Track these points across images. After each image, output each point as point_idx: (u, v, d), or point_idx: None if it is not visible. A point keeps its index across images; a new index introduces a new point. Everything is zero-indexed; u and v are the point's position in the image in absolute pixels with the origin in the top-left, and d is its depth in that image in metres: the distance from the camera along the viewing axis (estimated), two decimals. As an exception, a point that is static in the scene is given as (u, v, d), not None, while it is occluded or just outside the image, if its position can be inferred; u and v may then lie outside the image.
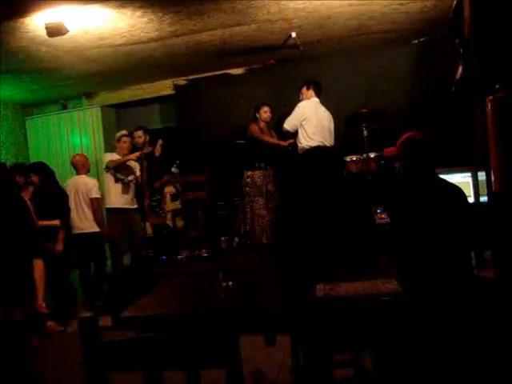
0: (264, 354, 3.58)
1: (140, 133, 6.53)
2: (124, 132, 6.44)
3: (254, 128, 6.38)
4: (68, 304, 5.41)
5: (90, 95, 8.38)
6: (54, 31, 4.85)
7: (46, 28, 4.81)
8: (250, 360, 3.30)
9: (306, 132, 6.04)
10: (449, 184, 3.05)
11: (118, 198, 6.18)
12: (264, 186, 6.33)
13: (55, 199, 5.54)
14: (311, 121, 6.04)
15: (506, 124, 3.52)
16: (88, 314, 1.80)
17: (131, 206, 6.25)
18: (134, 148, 6.41)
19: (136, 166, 6.35)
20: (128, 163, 6.24)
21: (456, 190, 3.02)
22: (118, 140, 6.36)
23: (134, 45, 5.95)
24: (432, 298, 2.56)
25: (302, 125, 6.06)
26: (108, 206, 6.28)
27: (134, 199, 6.31)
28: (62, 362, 4.13)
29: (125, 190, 6.20)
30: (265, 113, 6.41)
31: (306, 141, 6.04)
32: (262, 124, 6.44)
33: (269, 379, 3.49)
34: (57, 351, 4.53)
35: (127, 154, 6.22)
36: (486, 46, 3.91)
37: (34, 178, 5.63)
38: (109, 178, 6.22)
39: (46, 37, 4.99)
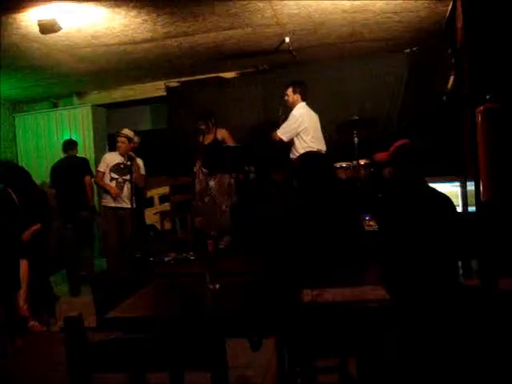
0: (249, 358, 3.56)
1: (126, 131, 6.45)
2: (126, 131, 6.34)
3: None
4: (48, 303, 5.35)
5: (81, 94, 8.35)
6: (47, 28, 4.82)
7: (39, 25, 4.77)
8: (235, 364, 3.29)
9: (304, 141, 5.97)
10: (437, 193, 3.07)
11: (111, 196, 6.25)
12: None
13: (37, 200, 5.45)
14: (308, 130, 5.99)
15: (496, 135, 3.55)
16: (73, 314, 1.78)
17: (124, 205, 6.24)
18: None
19: (138, 164, 6.31)
20: (127, 163, 6.15)
21: (444, 199, 3.04)
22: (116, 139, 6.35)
23: (127, 45, 5.93)
24: (418, 306, 2.57)
25: (299, 134, 6.02)
26: (103, 204, 6.46)
27: (129, 198, 6.19)
28: (45, 362, 4.10)
29: (118, 189, 6.23)
30: None
31: (304, 149, 5.95)
32: None
33: (253, 384, 3.48)
34: (40, 351, 4.48)
35: (124, 156, 6.21)
36: (478, 57, 3.95)
37: None
38: (105, 177, 6.31)
39: (39, 33, 4.94)
